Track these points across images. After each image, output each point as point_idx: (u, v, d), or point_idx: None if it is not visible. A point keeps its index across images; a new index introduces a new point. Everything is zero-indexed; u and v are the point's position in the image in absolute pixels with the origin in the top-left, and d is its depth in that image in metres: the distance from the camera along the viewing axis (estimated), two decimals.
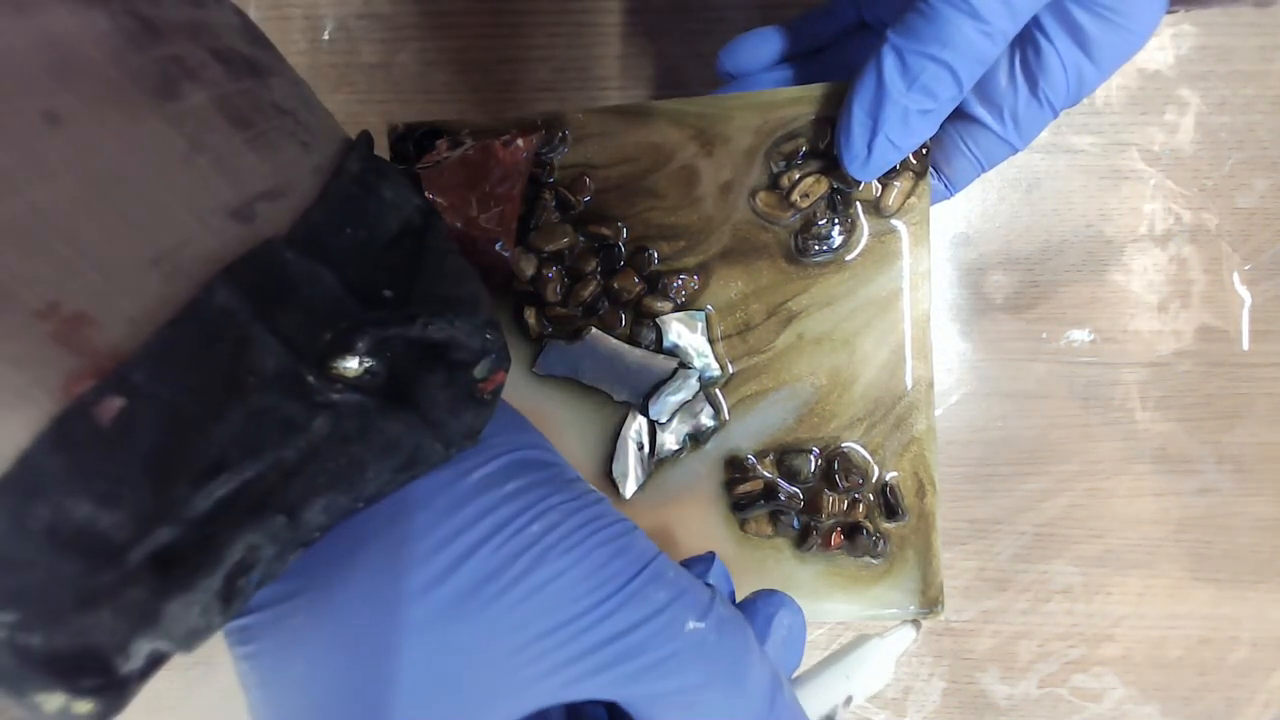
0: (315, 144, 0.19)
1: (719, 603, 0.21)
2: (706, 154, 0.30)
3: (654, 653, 0.20)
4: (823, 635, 0.43)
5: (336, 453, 0.17)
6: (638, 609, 0.20)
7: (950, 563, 0.42)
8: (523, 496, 0.20)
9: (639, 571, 0.20)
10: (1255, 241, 0.40)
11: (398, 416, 0.18)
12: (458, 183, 0.29)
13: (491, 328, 0.20)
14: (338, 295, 0.17)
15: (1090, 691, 0.42)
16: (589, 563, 0.20)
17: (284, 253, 0.17)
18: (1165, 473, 0.41)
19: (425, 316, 0.18)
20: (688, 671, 0.20)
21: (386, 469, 0.18)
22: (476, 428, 0.20)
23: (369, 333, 0.17)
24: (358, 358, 0.17)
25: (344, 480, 0.18)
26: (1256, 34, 0.39)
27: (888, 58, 0.26)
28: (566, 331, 0.31)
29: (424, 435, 0.18)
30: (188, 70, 0.17)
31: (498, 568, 0.19)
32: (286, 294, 0.17)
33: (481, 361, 0.20)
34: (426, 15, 0.40)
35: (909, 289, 0.30)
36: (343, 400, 0.17)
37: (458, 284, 0.20)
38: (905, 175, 0.29)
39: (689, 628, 0.20)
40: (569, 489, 0.21)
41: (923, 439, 0.31)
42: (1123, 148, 0.40)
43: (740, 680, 0.21)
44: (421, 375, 0.19)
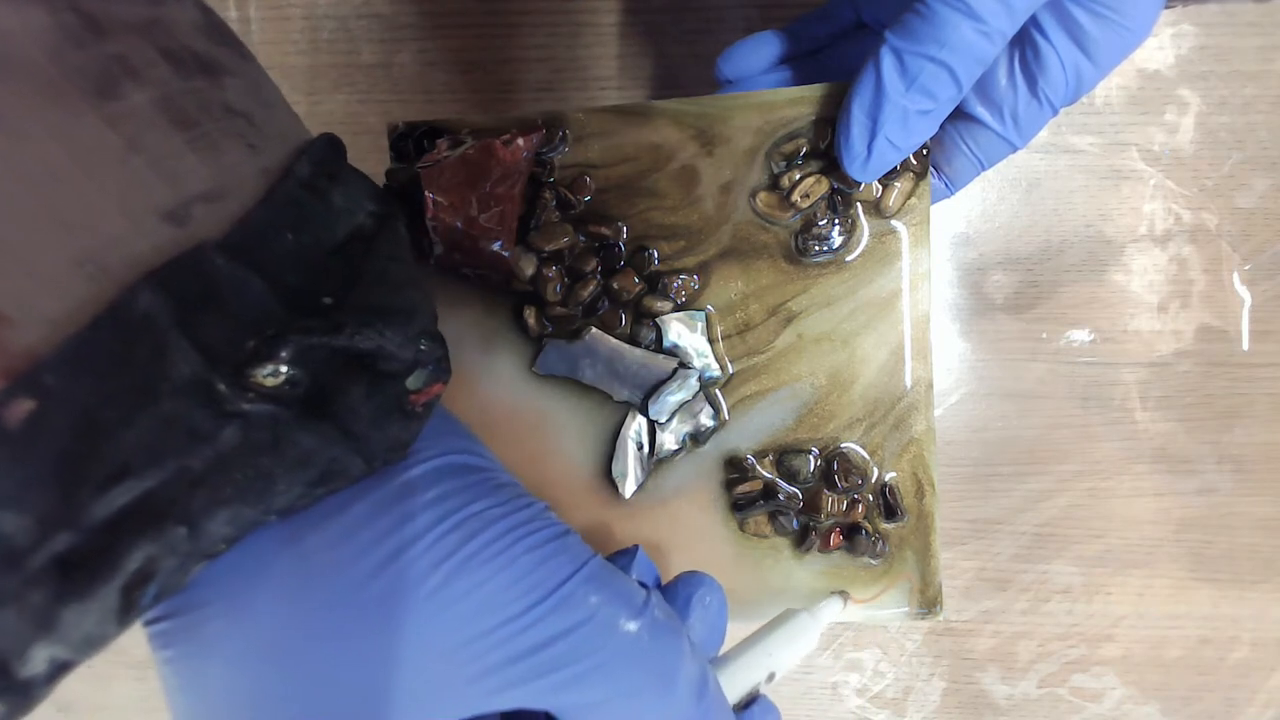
0: (265, 146, 0.19)
1: (653, 604, 0.21)
2: (707, 154, 0.30)
3: (586, 660, 0.19)
4: (822, 635, 0.43)
5: (245, 464, 0.17)
6: (568, 615, 0.19)
7: (950, 563, 0.42)
8: (444, 503, 0.20)
9: (570, 577, 0.20)
10: (1255, 241, 0.40)
11: (313, 429, 0.18)
12: (458, 182, 0.29)
13: (427, 338, 0.19)
14: (266, 302, 0.17)
15: (1090, 691, 0.42)
16: (514, 570, 0.19)
17: (214, 258, 0.17)
18: (1165, 473, 0.41)
19: (353, 326, 0.18)
20: (620, 678, 0.20)
21: (299, 482, 0.18)
22: (404, 440, 0.20)
23: (292, 342, 0.17)
24: (277, 366, 0.17)
25: (251, 492, 0.17)
26: (1256, 34, 0.39)
27: (886, 59, 0.26)
28: (566, 331, 0.31)
29: (341, 449, 0.18)
30: (131, 69, 0.17)
31: (415, 577, 0.19)
32: (212, 300, 0.16)
33: (415, 373, 0.19)
34: (426, 15, 0.40)
35: (909, 289, 0.30)
36: (254, 410, 0.17)
37: (395, 292, 0.19)
38: (905, 176, 0.29)
39: (622, 631, 0.20)
40: (495, 495, 0.21)
41: (922, 439, 0.31)
42: (1123, 148, 0.40)
43: (671, 683, 0.20)
44: (344, 387, 0.18)
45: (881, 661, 0.43)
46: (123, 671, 0.46)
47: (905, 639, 0.43)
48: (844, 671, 0.43)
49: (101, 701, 0.46)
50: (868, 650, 0.43)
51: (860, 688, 0.43)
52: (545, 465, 0.32)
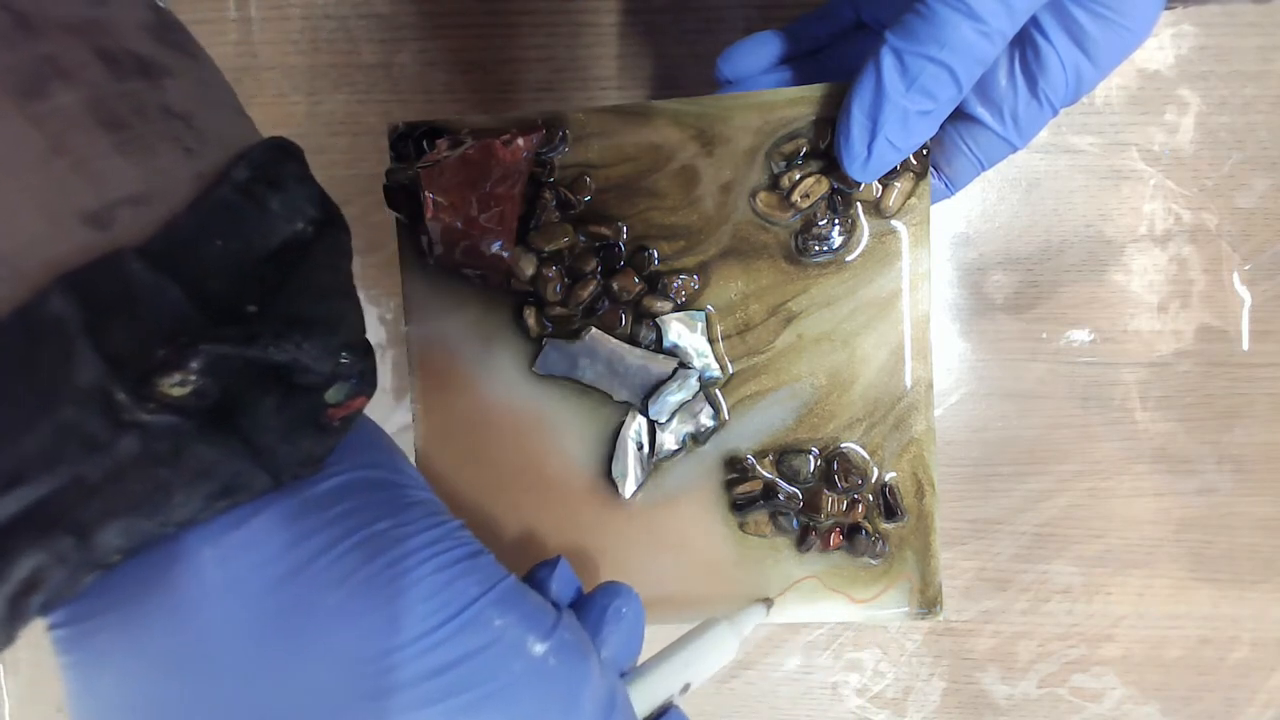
0: (203, 150, 0.19)
1: (563, 626, 0.21)
2: (707, 154, 0.30)
3: (488, 684, 0.19)
4: (823, 635, 0.43)
5: (142, 475, 0.17)
6: (473, 638, 0.19)
7: (950, 563, 0.42)
8: (347, 520, 0.19)
9: (477, 599, 0.20)
10: (1255, 241, 0.40)
11: (215, 441, 0.17)
12: (458, 182, 0.29)
13: (349, 351, 0.19)
14: (183, 311, 0.17)
15: (1090, 691, 0.42)
16: (418, 590, 0.19)
17: (131, 263, 0.16)
18: (1165, 473, 0.41)
19: (268, 336, 0.17)
20: (523, 703, 0.19)
21: (198, 495, 0.17)
22: (317, 455, 0.19)
23: (203, 352, 0.16)
24: (185, 376, 0.16)
25: (147, 504, 0.17)
26: (1256, 34, 0.39)
27: (886, 59, 0.26)
28: (566, 331, 0.31)
29: (245, 463, 0.18)
30: (61, 69, 0.17)
31: (312, 595, 0.18)
32: (125, 307, 0.16)
33: (334, 386, 0.19)
34: (426, 15, 0.40)
35: (909, 289, 0.30)
36: (154, 421, 0.16)
37: (320, 302, 0.19)
38: (905, 176, 0.29)
39: (528, 654, 0.20)
40: (405, 512, 0.20)
41: (922, 439, 0.31)
42: (1123, 148, 0.40)
43: (575, 706, 0.20)
44: (255, 398, 0.18)
45: (881, 661, 0.43)
46: None
47: (905, 639, 0.43)
48: (844, 671, 0.43)
49: None
50: (868, 650, 0.43)
51: (860, 688, 0.43)
52: (545, 465, 0.32)
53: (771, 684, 0.43)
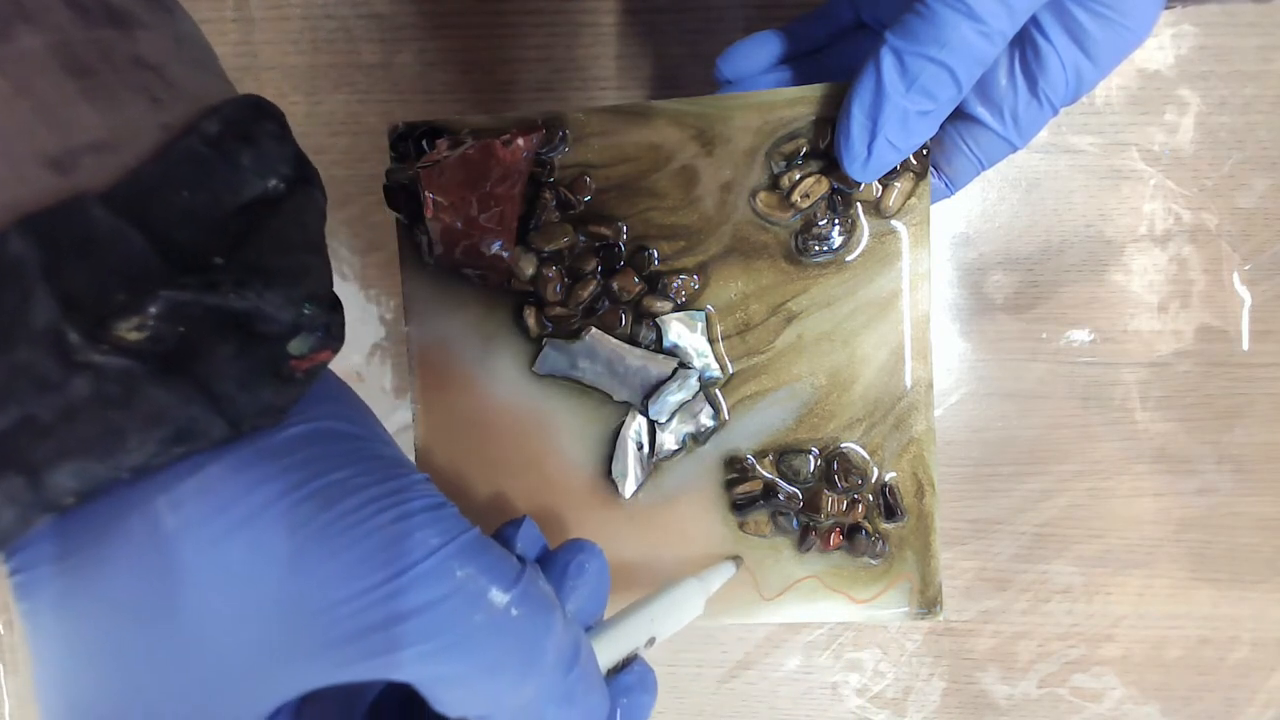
0: (172, 103, 0.18)
1: (527, 578, 0.21)
2: (707, 154, 0.30)
3: (448, 634, 0.19)
4: (823, 635, 0.43)
5: (94, 417, 0.17)
6: (432, 587, 0.19)
7: (950, 563, 0.42)
8: (306, 468, 0.19)
9: (438, 549, 0.19)
10: (1255, 241, 0.40)
11: (170, 386, 0.17)
12: (458, 182, 0.29)
13: (313, 303, 0.19)
14: (144, 257, 0.17)
15: (1090, 691, 0.42)
16: (376, 539, 0.19)
17: (93, 209, 0.16)
18: (1165, 473, 0.41)
19: (229, 284, 0.17)
20: (483, 653, 0.19)
21: (152, 440, 0.17)
22: (278, 405, 0.19)
23: (163, 298, 0.16)
24: (143, 320, 0.16)
25: (99, 447, 0.17)
26: (1256, 34, 0.39)
27: (886, 59, 0.26)
28: (566, 331, 0.31)
29: (201, 408, 0.18)
30: (25, 13, 0.17)
31: (267, 542, 0.18)
32: (85, 250, 0.16)
33: (299, 337, 0.19)
34: (426, 15, 0.40)
35: (909, 289, 0.30)
36: (106, 363, 0.16)
37: (285, 253, 0.19)
38: (905, 176, 0.29)
39: (489, 605, 0.19)
40: (366, 463, 0.20)
41: (922, 439, 0.31)
42: (1123, 148, 0.40)
43: (537, 657, 0.20)
44: (213, 345, 0.18)
45: (881, 661, 0.43)
46: None
47: (905, 639, 0.43)
48: (844, 671, 0.43)
49: None
50: (868, 650, 0.43)
51: (860, 688, 0.43)
52: (545, 465, 0.32)
53: (771, 684, 0.43)
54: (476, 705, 0.20)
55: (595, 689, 0.22)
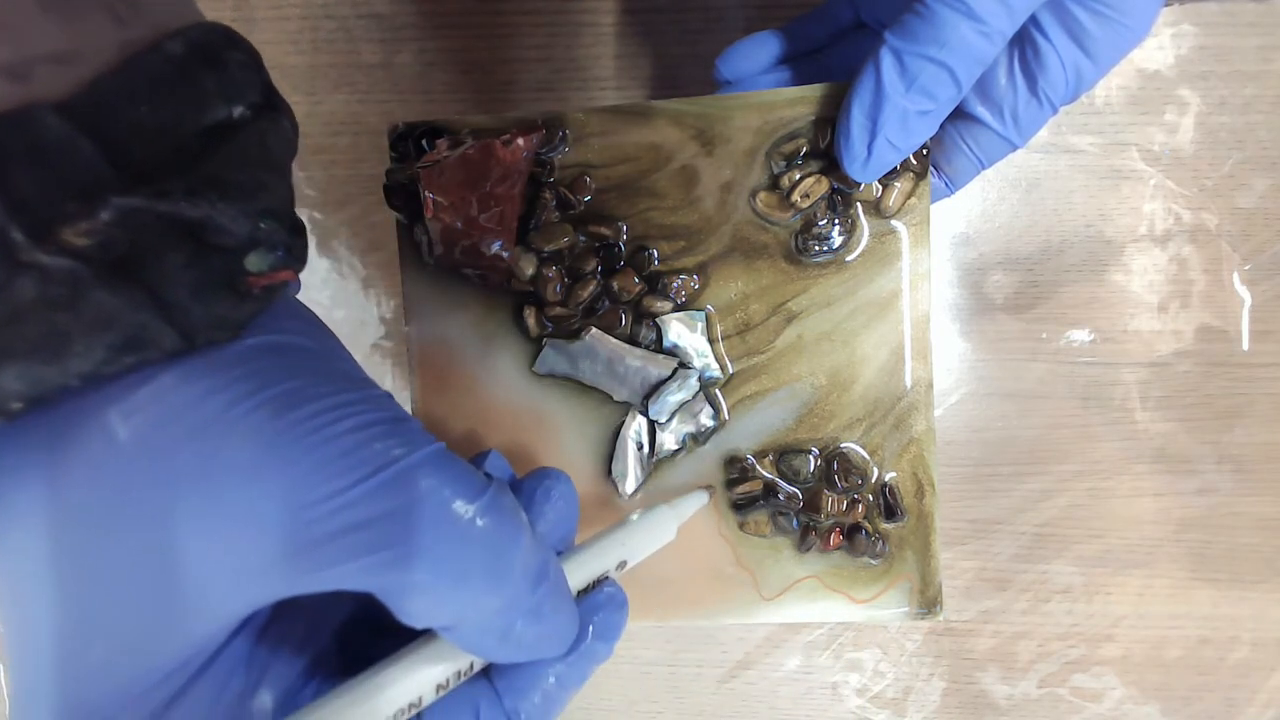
0: (136, 22, 0.18)
1: (494, 491, 0.20)
2: (706, 154, 0.30)
3: (411, 542, 0.18)
4: (822, 635, 0.43)
5: (39, 319, 0.16)
6: (394, 496, 0.19)
7: (950, 563, 0.42)
8: (262, 376, 0.19)
9: (401, 458, 0.19)
10: (1255, 241, 0.40)
11: (117, 290, 0.17)
12: (458, 182, 0.29)
13: (270, 218, 0.19)
14: (96, 167, 0.17)
15: (1090, 691, 0.42)
16: (335, 446, 0.18)
17: (46, 116, 0.16)
18: (1165, 473, 0.41)
19: (181, 192, 0.17)
20: (448, 561, 0.19)
21: (100, 345, 0.17)
22: (233, 320, 0.19)
23: (113, 205, 0.16)
24: (90, 226, 0.16)
25: (45, 350, 0.17)
26: (1256, 34, 0.39)
27: (886, 59, 0.26)
28: (566, 331, 0.31)
29: (151, 316, 0.17)
30: None
31: (223, 449, 0.18)
32: (37, 157, 0.16)
33: (255, 253, 0.19)
34: (426, 15, 0.40)
35: (909, 289, 0.30)
36: (51, 264, 0.16)
37: (242, 169, 0.18)
38: (905, 176, 0.29)
39: (454, 514, 0.19)
40: (325, 374, 0.20)
41: (922, 439, 0.31)
42: (1123, 148, 0.40)
43: (504, 568, 0.20)
44: (162, 253, 0.17)
45: (881, 661, 0.43)
46: None
47: (905, 639, 0.43)
48: (844, 671, 0.43)
49: None
50: (868, 650, 0.43)
51: (860, 688, 0.43)
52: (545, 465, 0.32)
53: (771, 684, 0.43)
54: (442, 615, 0.20)
55: (564, 607, 0.22)
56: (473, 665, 0.21)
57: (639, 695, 0.44)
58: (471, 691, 0.22)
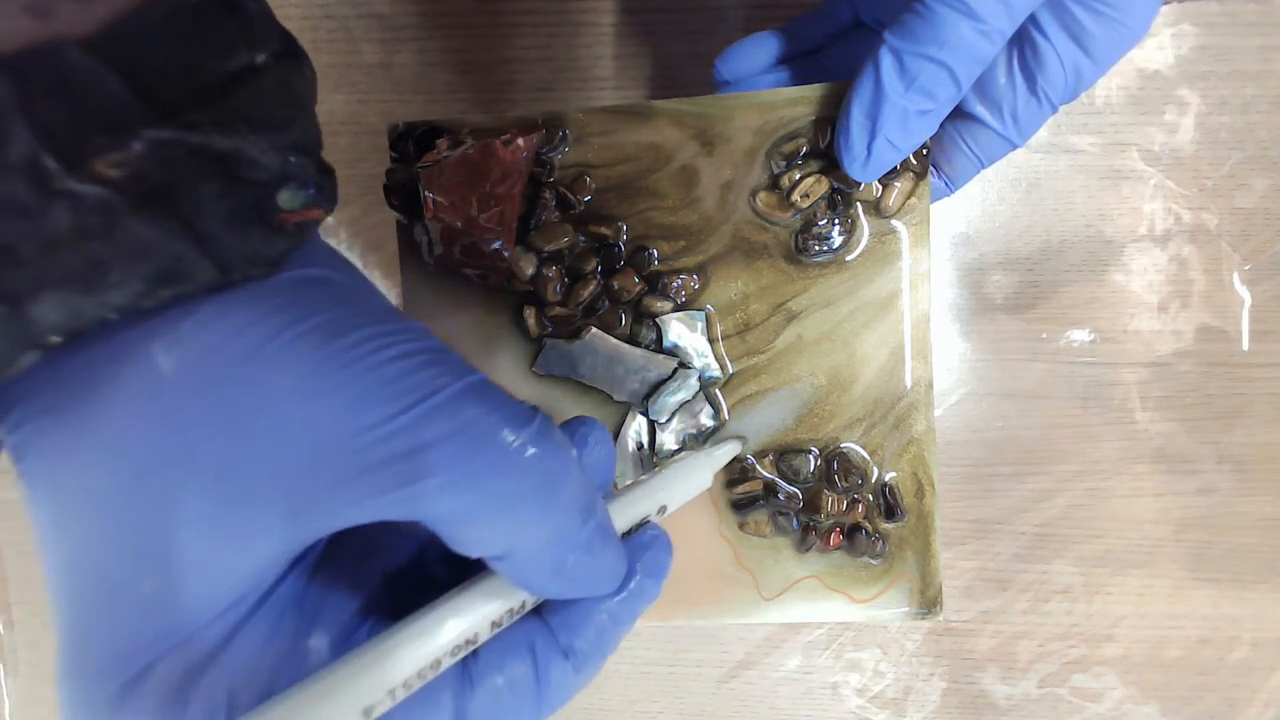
0: None
1: (541, 421, 0.20)
2: (707, 154, 0.30)
3: (460, 467, 0.18)
4: (822, 635, 0.43)
5: (74, 247, 0.16)
6: (441, 423, 0.18)
7: (950, 563, 0.42)
8: (302, 306, 0.19)
9: (446, 386, 0.19)
10: (1255, 241, 0.40)
11: (153, 219, 0.17)
12: (458, 182, 0.29)
13: (300, 152, 0.19)
14: (124, 101, 0.16)
15: (1090, 691, 0.42)
16: (380, 375, 0.18)
17: (71, 51, 0.16)
18: (1165, 473, 0.41)
19: (211, 124, 0.17)
20: (498, 485, 0.19)
21: (137, 277, 0.17)
22: (268, 255, 0.19)
23: (144, 136, 0.16)
24: (122, 157, 0.16)
25: (81, 279, 0.17)
26: (1256, 34, 0.39)
27: (885, 59, 0.26)
28: (566, 331, 0.31)
29: (187, 246, 0.17)
30: None
31: (266, 378, 0.18)
32: (65, 91, 0.16)
33: (287, 189, 0.18)
34: (426, 15, 0.40)
35: (909, 289, 0.30)
36: (86, 191, 0.16)
37: (270, 106, 0.18)
38: (905, 176, 0.29)
39: (502, 441, 0.19)
40: (364, 305, 0.20)
41: (922, 439, 0.31)
42: (1123, 148, 0.40)
43: (555, 495, 0.20)
44: (195, 183, 0.17)
45: (881, 661, 0.43)
46: None
47: (905, 639, 0.43)
48: (844, 671, 0.43)
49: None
50: (868, 650, 0.43)
51: (860, 688, 0.43)
52: None
53: (771, 684, 0.43)
54: (495, 543, 0.19)
55: (613, 543, 0.22)
56: (524, 604, 0.21)
57: (639, 695, 0.44)
58: (526, 629, 0.22)
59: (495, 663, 0.21)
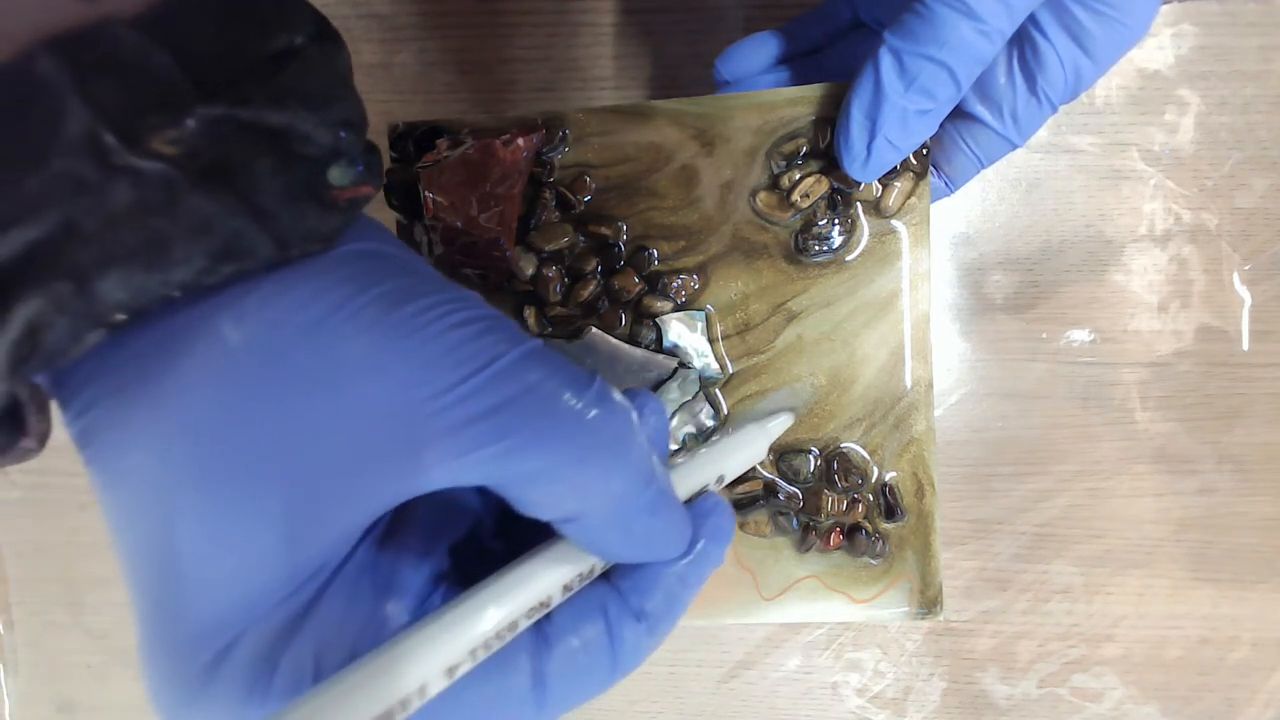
0: None
1: (601, 383, 0.20)
2: (707, 154, 0.30)
3: (526, 430, 0.18)
4: (822, 635, 0.43)
5: (137, 224, 0.16)
6: (504, 388, 0.18)
7: (950, 563, 0.42)
8: (362, 279, 0.19)
9: (507, 353, 0.19)
10: (1255, 241, 0.40)
11: (211, 194, 0.17)
12: (458, 182, 0.29)
13: (350, 128, 0.19)
14: (174, 78, 0.17)
15: (1090, 691, 0.42)
16: (442, 342, 0.18)
17: (121, 31, 0.16)
18: (1165, 473, 0.41)
19: (264, 99, 0.17)
20: (564, 446, 0.19)
21: (199, 253, 0.17)
22: (324, 232, 0.19)
23: (197, 112, 0.16)
24: (178, 134, 0.16)
25: (144, 255, 0.17)
26: (1256, 34, 0.39)
27: (885, 59, 0.26)
28: (566, 331, 0.31)
29: (245, 221, 0.17)
30: None
31: (335, 346, 0.18)
32: (117, 70, 0.16)
33: (338, 165, 0.19)
34: (426, 15, 0.40)
35: (909, 289, 0.30)
36: (146, 167, 0.16)
37: (317, 83, 0.18)
38: (905, 175, 0.29)
39: (565, 404, 0.19)
40: (420, 276, 0.20)
41: (922, 439, 0.31)
42: (1123, 148, 0.40)
43: (622, 454, 0.20)
44: (249, 159, 0.17)
45: (881, 661, 0.43)
46: (123, 671, 0.46)
47: (905, 639, 0.43)
48: (844, 671, 0.43)
49: (102, 701, 0.46)
50: (868, 650, 0.43)
51: (860, 688, 0.43)
52: None
53: (771, 684, 0.43)
54: (565, 505, 0.20)
55: (676, 507, 0.22)
56: (594, 569, 0.22)
57: (639, 695, 0.44)
58: (596, 593, 0.22)
59: (569, 625, 0.21)
